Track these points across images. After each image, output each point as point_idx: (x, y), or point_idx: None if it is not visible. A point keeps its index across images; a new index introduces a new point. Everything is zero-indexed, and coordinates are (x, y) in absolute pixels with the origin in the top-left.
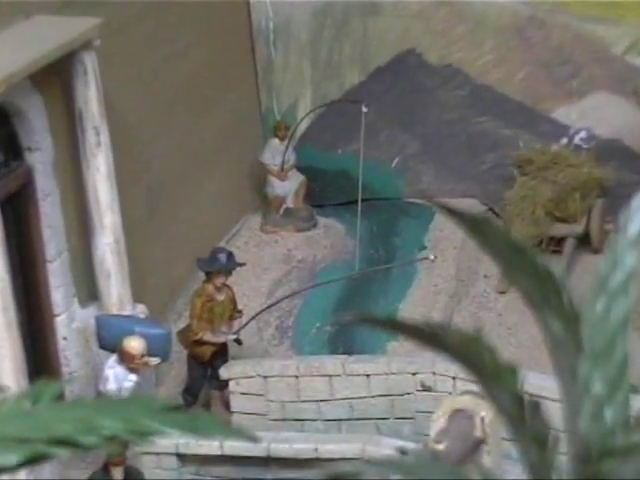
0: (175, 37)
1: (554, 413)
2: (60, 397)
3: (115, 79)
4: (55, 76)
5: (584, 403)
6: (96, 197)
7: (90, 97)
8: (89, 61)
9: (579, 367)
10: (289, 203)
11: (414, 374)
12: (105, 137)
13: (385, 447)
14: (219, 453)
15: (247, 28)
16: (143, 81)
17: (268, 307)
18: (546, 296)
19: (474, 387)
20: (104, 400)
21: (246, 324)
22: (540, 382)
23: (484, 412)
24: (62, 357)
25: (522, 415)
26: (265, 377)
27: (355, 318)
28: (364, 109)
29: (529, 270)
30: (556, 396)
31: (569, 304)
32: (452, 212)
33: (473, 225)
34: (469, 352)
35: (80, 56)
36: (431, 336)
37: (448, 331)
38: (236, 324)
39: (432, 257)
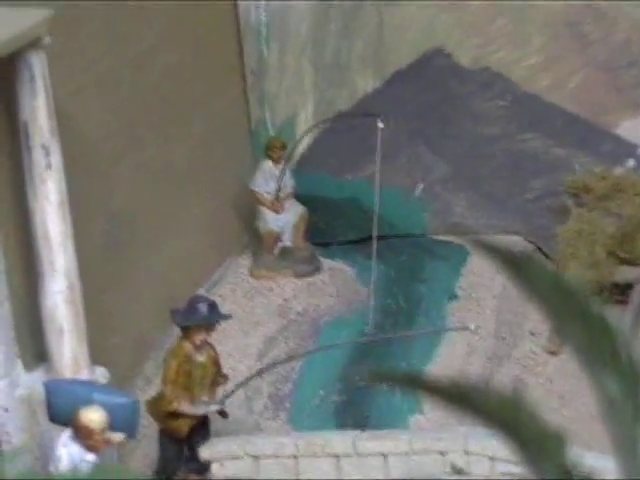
0: (144, 34)
1: None
2: None
3: (69, 86)
4: None
5: None
6: (45, 233)
7: (38, 108)
8: (37, 63)
9: (639, 434)
10: (286, 241)
11: (442, 453)
12: (57, 158)
13: None
14: None
15: (233, 22)
16: (104, 88)
17: (260, 371)
18: (601, 351)
19: (516, 469)
20: (60, 478)
21: (233, 392)
22: (601, 464)
23: None
24: (2, 432)
25: None
26: (256, 457)
27: (370, 375)
28: (380, 124)
29: (581, 319)
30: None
31: (629, 361)
32: (489, 249)
33: (513, 264)
34: (507, 417)
35: (26, 57)
36: (461, 398)
37: (482, 392)
38: (220, 392)
39: (473, 327)
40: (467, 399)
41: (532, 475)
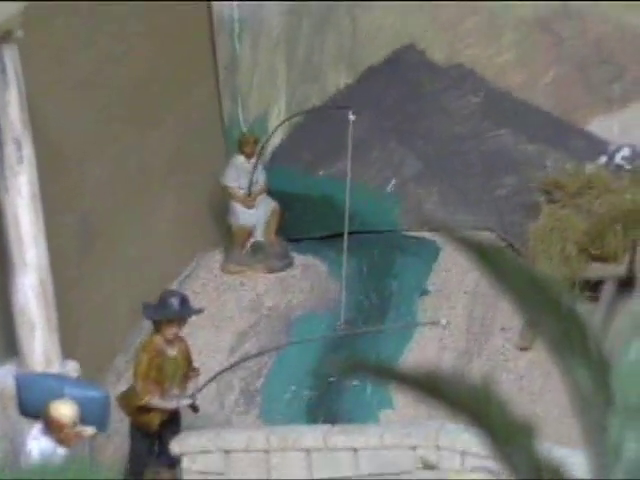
0: (117, 29)
1: None
2: None
3: (42, 79)
4: None
5: (615, 467)
6: (17, 227)
7: (10, 102)
8: (9, 56)
9: (609, 424)
10: (258, 236)
11: (413, 448)
12: (29, 152)
13: None
14: None
15: (206, 18)
16: (77, 82)
17: (231, 366)
18: (572, 342)
19: (487, 463)
20: (30, 471)
21: (204, 386)
22: (571, 459)
23: None
24: None
25: None
26: (227, 452)
27: (342, 367)
28: (351, 117)
29: (553, 311)
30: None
31: (597, 349)
32: (462, 241)
33: (486, 256)
34: (476, 406)
35: None
36: (433, 388)
37: (453, 383)
38: (191, 386)
39: (444, 322)
40: (439, 390)
41: (503, 467)
